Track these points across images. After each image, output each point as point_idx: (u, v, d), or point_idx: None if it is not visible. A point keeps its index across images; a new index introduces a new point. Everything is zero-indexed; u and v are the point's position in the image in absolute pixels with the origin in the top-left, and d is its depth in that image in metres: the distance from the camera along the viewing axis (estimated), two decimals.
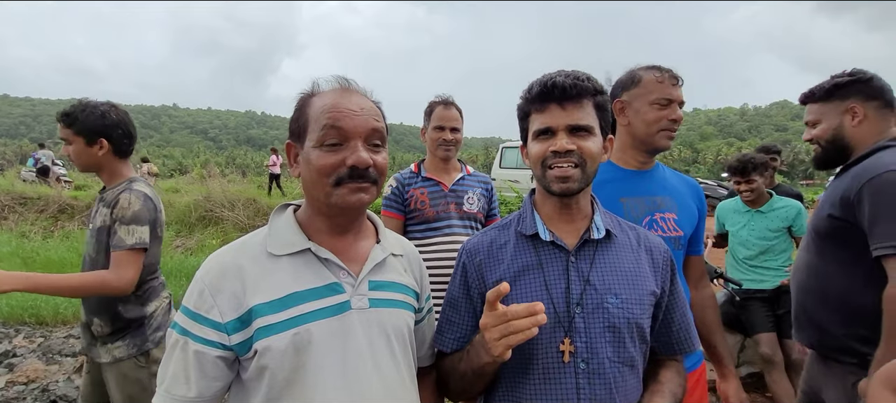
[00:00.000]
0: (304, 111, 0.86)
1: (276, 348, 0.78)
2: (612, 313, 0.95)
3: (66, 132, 1.69)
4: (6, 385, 3.37)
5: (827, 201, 1.46)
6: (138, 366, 1.73)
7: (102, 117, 1.69)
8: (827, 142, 1.52)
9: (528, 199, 1.11)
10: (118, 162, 1.76)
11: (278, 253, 0.84)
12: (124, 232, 1.62)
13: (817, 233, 1.49)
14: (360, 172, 0.82)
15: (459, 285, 1.06)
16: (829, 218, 1.42)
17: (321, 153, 0.82)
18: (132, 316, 1.72)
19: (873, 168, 1.32)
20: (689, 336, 1.08)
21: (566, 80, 0.96)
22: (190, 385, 0.79)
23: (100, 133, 1.68)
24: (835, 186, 1.46)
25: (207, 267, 0.83)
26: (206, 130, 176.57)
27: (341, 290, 0.85)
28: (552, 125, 0.97)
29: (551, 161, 0.97)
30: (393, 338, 0.89)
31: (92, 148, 1.69)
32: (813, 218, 1.55)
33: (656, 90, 1.39)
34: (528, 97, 1.02)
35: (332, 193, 0.83)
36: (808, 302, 1.52)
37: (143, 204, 1.67)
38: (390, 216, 2.09)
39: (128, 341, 1.72)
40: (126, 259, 1.61)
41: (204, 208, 8.89)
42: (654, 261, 1.05)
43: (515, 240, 1.04)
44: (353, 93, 0.88)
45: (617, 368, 0.95)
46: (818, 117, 1.55)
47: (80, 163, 1.73)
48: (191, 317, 0.80)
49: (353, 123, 0.82)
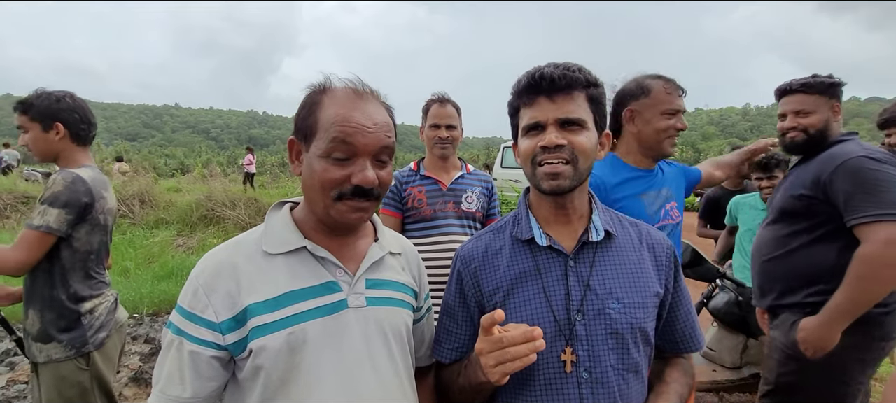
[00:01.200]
0: (313, 112, 0.82)
1: (271, 347, 0.78)
2: (615, 319, 0.92)
3: (22, 119, 1.66)
4: (7, 383, 3.37)
5: (796, 184, 1.69)
6: (79, 368, 1.65)
7: (57, 102, 1.67)
8: (817, 131, 1.69)
9: (522, 201, 1.06)
10: (75, 148, 1.71)
11: (274, 251, 0.83)
12: (37, 211, 1.57)
13: (784, 212, 1.73)
14: (364, 191, 0.81)
15: (455, 293, 1.02)
16: (802, 197, 1.65)
17: (327, 165, 0.80)
18: (63, 312, 1.63)
19: (842, 154, 1.57)
20: (695, 334, 1.05)
21: (555, 71, 0.91)
22: (185, 385, 0.78)
23: (55, 117, 1.66)
24: (802, 171, 1.70)
25: (202, 266, 0.82)
26: (208, 130, 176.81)
27: (338, 289, 0.84)
28: (541, 119, 0.92)
29: (541, 157, 0.92)
30: (390, 337, 0.88)
31: (48, 134, 1.66)
32: (779, 200, 1.77)
33: (665, 101, 1.53)
34: (516, 91, 0.97)
35: (332, 207, 0.81)
36: (776, 271, 1.75)
37: (66, 185, 1.59)
38: (388, 214, 2.08)
39: (65, 342, 1.63)
40: (25, 238, 1.53)
41: (205, 207, 8.89)
42: (656, 259, 1.01)
43: (511, 245, 1.00)
44: (367, 101, 0.83)
45: (621, 375, 0.91)
46: (814, 108, 1.69)
47: (38, 151, 1.68)
48: (186, 317, 0.79)
49: (364, 141, 0.79)
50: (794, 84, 1.74)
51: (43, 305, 1.63)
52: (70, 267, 1.65)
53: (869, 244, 1.47)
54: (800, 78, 1.75)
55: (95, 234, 1.70)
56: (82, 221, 1.64)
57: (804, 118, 1.70)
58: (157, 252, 7.36)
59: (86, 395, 1.67)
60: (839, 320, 1.52)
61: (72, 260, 1.65)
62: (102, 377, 1.73)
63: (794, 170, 1.78)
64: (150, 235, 8.03)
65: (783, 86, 1.78)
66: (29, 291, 1.66)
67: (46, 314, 1.62)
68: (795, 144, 1.73)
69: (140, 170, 11.23)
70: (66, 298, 1.64)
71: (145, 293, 5.24)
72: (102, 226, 1.73)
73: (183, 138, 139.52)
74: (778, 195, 1.80)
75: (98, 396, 1.72)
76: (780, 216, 1.76)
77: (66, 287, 1.64)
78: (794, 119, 1.72)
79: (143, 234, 8.06)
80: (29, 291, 1.66)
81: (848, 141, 1.65)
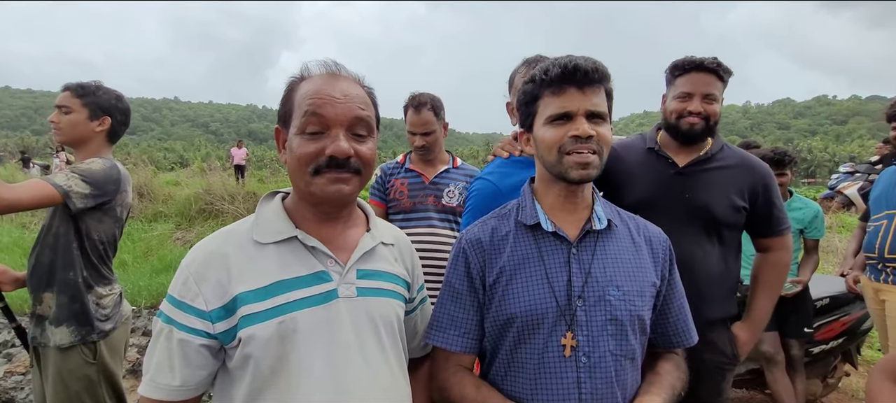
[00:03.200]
0: (290, 96, 0.84)
1: (260, 336, 0.77)
2: (614, 305, 0.93)
3: (72, 101, 1.68)
4: (4, 375, 3.38)
5: (732, 193, 1.50)
6: (86, 361, 1.66)
7: (117, 100, 1.77)
8: (715, 123, 1.51)
9: (527, 188, 1.08)
10: (105, 143, 1.77)
11: (264, 241, 0.82)
12: (65, 173, 1.57)
13: (725, 224, 1.50)
14: (339, 162, 0.80)
15: (463, 275, 1.01)
16: (741, 209, 1.52)
17: (302, 140, 0.80)
18: (75, 295, 1.64)
19: (758, 164, 1.55)
20: (687, 329, 1.06)
21: (587, 63, 0.92)
22: (174, 373, 0.77)
23: (107, 111, 1.73)
24: (730, 179, 1.51)
25: (193, 255, 0.81)
26: (208, 124, 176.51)
27: (328, 279, 0.83)
28: (571, 109, 0.93)
29: (571, 147, 0.93)
30: (381, 328, 0.87)
31: (93, 122, 1.71)
32: (713, 210, 1.49)
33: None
34: (543, 79, 0.96)
35: (312, 182, 0.81)
36: (717, 288, 1.52)
37: (104, 170, 1.64)
38: (374, 203, 2.17)
39: (73, 327, 1.64)
40: (35, 185, 1.51)
41: (204, 201, 8.88)
42: (653, 251, 1.03)
43: (515, 231, 1.01)
44: (340, 78, 0.84)
45: (618, 361, 0.93)
46: (719, 95, 1.51)
47: (71, 134, 1.70)
48: (175, 306, 0.78)
49: (334, 111, 0.79)
50: (707, 61, 1.48)
51: (58, 288, 1.65)
52: (85, 253, 1.67)
53: (785, 252, 1.60)
54: (709, 57, 1.50)
55: (110, 225, 1.74)
56: (99, 208, 1.66)
57: (710, 104, 1.48)
58: (156, 245, 7.37)
59: (93, 388, 1.68)
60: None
61: (87, 246, 1.67)
62: (109, 369, 1.74)
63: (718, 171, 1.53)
64: (148, 228, 8.04)
65: (692, 60, 1.50)
66: (43, 273, 1.66)
67: (60, 297, 1.65)
68: (694, 133, 1.49)
69: (139, 164, 11.19)
70: (79, 283, 1.66)
71: (143, 286, 5.25)
72: (118, 218, 1.76)
73: (182, 132, 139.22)
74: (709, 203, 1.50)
75: (105, 390, 1.72)
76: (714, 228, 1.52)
77: (80, 272, 1.67)
78: (701, 102, 1.47)
79: (141, 227, 8.07)
80: (43, 273, 1.66)
81: (741, 147, 1.63)
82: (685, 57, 1.52)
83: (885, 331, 2.48)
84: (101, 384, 1.70)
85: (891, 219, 2.40)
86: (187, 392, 0.79)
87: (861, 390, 3.22)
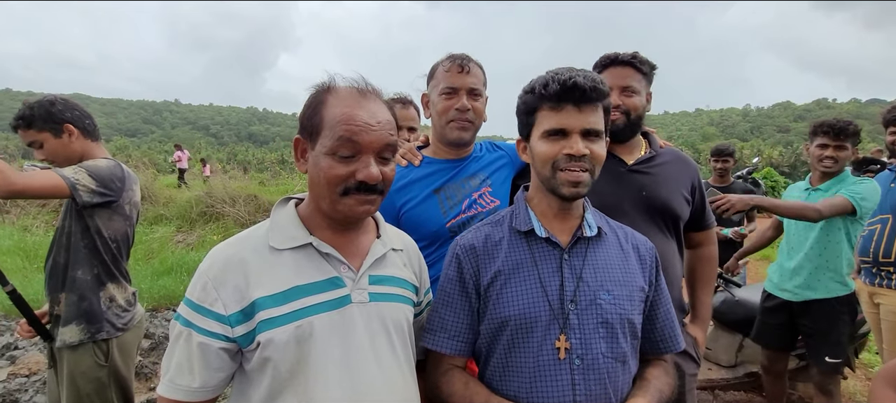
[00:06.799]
0: (318, 111, 0.84)
1: (278, 340, 0.80)
2: (606, 309, 0.97)
3: (30, 134, 1.64)
4: (8, 377, 3.39)
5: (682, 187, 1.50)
6: (98, 364, 1.66)
7: (52, 105, 1.66)
8: (637, 117, 1.47)
9: (520, 196, 1.11)
10: (91, 144, 1.74)
11: (280, 247, 0.85)
12: (72, 168, 1.58)
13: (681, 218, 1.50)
14: (369, 187, 0.84)
15: (455, 281, 1.04)
16: (689, 203, 1.53)
17: (332, 162, 0.82)
18: (84, 294, 1.64)
19: (690, 159, 1.60)
20: (674, 334, 1.08)
21: (585, 82, 0.93)
22: (194, 375, 0.80)
23: (61, 120, 1.66)
24: (676, 174, 1.50)
25: (211, 260, 0.84)
26: (208, 126, 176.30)
27: (342, 284, 0.87)
28: (567, 126, 0.95)
29: (564, 164, 0.96)
30: (392, 332, 0.91)
31: (62, 138, 1.66)
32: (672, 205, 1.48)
33: (443, 79, 1.39)
34: (541, 93, 0.97)
35: (339, 202, 0.84)
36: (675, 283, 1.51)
37: (109, 168, 1.65)
38: None
39: (83, 325, 1.64)
40: (42, 174, 1.52)
41: (205, 204, 8.90)
42: (641, 258, 1.07)
43: (509, 236, 1.04)
44: (371, 100, 0.87)
45: (610, 363, 0.96)
46: (639, 88, 1.46)
47: (61, 159, 1.68)
48: (194, 309, 0.81)
49: (368, 139, 0.82)
50: (622, 55, 1.47)
51: (68, 286, 1.66)
52: (96, 251, 1.68)
53: (713, 245, 1.68)
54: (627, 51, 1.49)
55: (120, 223, 1.74)
56: (107, 206, 1.67)
57: (629, 97, 1.44)
58: (157, 248, 7.37)
59: (102, 391, 1.69)
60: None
61: (99, 244, 1.68)
62: (120, 372, 1.75)
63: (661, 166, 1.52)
64: (149, 231, 8.04)
65: (607, 55, 1.49)
66: (59, 274, 1.67)
67: (69, 295, 1.65)
68: (616, 128, 1.45)
69: (140, 166, 11.23)
70: (88, 281, 1.67)
71: (145, 288, 5.26)
72: (127, 216, 1.76)
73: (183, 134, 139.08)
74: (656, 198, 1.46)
75: (114, 392, 1.73)
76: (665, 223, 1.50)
77: (89, 270, 1.67)
78: (619, 96, 1.44)
79: (142, 230, 8.07)
80: (59, 274, 1.67)
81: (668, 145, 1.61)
82: (604, 54, 1.51)
83: (880, 334, 2.51)
84: (111, 386, 1.71)
85: (885, 224, 2.43)
86: (206, 394, 0.82)
87: (859, 393, 3.24)
